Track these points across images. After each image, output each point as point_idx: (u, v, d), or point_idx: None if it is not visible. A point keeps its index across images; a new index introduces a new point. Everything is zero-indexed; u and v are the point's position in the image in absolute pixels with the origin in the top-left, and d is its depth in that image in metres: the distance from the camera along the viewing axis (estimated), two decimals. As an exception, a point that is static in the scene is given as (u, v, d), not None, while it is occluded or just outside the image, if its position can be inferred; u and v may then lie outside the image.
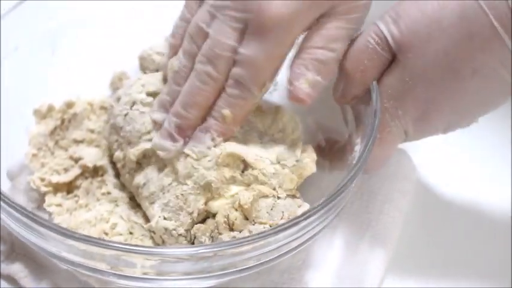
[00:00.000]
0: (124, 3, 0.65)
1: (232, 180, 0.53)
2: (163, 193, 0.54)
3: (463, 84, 0.53)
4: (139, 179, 0.56)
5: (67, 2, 0.64)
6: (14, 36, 0.60)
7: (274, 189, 0.53)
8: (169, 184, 0.54)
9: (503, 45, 0.51)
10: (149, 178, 0.56)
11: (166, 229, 0.53)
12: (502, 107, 0.56)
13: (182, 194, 0.53)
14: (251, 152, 0.54)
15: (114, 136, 0.59)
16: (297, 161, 0.54)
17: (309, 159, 0.54)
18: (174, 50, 0.58)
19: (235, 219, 0.51)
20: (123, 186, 0.60)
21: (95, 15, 0.64)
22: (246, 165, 0.53)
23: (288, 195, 0.53)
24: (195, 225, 0.53)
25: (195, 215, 0.52)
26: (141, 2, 0.65)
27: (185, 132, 0.54)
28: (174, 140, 0.54)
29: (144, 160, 0.57)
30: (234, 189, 0.53)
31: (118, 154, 0.58)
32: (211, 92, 0.54)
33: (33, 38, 0.62)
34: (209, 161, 0.53)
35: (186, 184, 0.53)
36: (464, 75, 0.52)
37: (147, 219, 0.57)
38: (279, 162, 0.54)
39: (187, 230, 0.52)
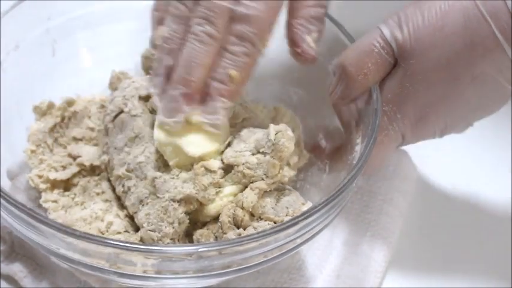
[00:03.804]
0: (125, 3, 0.65)
1: (218, 185, 0.52)
2: (143, 205, 0.53)
3: (461, 89, 0.53)
4: (119, 187, 0.56)
5: (67, 1, 0.64)
6: (14, 36, 0.60)
7: (262, 179, 0.52)
8: (147, 197, 0.53)
9: (504, 54, 0.51)
10: (127, 188, 0.55)
11: (153, 239, 0.52)
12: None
13: (162, 206, 0.52)
14: (229, 151, 0.53)
15: (105, 138, 0.58)
16: (273, 144, 0.52)
17: (284, 139, 0.52)
18: (159, 22, 0.55)
19: (244, 216, 0.51)
20: None
21: (95, 15, 0.64)
22: (228, 166, 0.53)
23: (275, 183, 0.53)
24: (198, 231, 0.52)
25: (176, 224, 0.51)
26: (141, 1, 0.65)
27: (193, 98, 0.52)
28: (180, 111, 0.52)
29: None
30: (228, 189, 0.53)
31: (104, 158, 0.58)
32: (214, 53, 0.52)
33: (33, 38, 0.62)
34: (187, 172, 0.52)
35: (163, 198, 0.52)
36: (463, 82, 0.53)
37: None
38: (258, 151, 0.52)
39: (172, 239, 0.52)
